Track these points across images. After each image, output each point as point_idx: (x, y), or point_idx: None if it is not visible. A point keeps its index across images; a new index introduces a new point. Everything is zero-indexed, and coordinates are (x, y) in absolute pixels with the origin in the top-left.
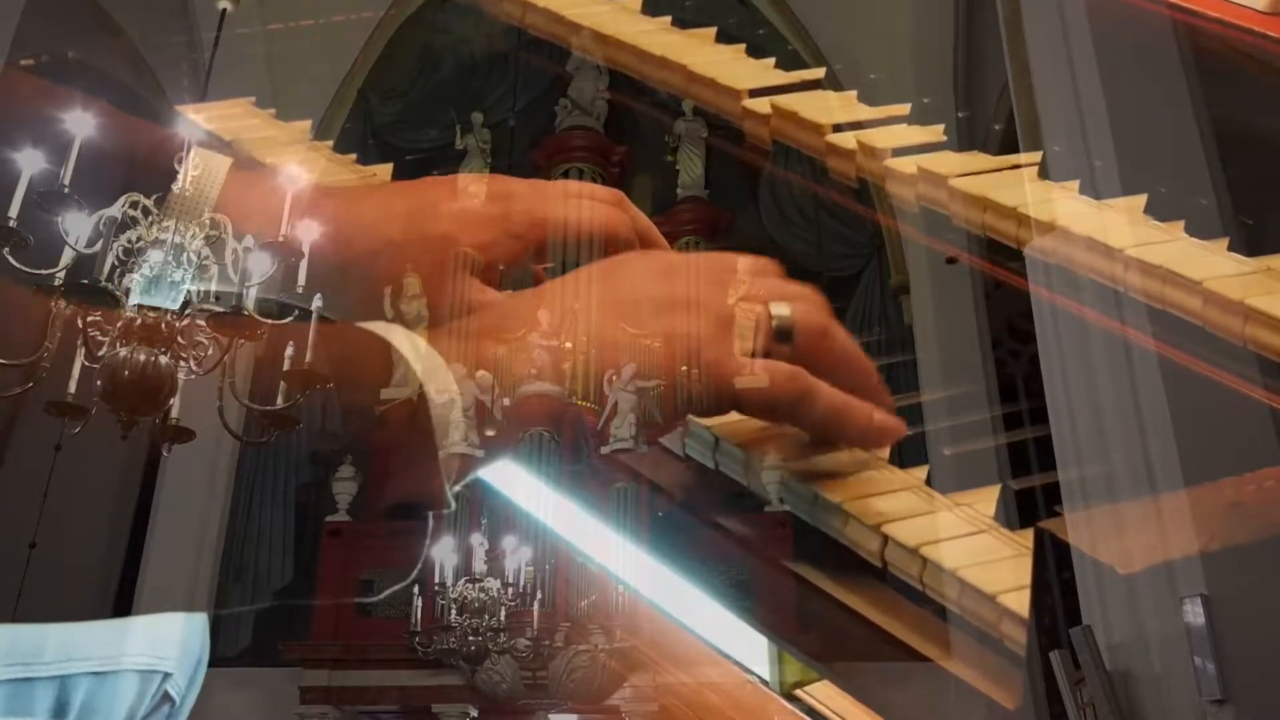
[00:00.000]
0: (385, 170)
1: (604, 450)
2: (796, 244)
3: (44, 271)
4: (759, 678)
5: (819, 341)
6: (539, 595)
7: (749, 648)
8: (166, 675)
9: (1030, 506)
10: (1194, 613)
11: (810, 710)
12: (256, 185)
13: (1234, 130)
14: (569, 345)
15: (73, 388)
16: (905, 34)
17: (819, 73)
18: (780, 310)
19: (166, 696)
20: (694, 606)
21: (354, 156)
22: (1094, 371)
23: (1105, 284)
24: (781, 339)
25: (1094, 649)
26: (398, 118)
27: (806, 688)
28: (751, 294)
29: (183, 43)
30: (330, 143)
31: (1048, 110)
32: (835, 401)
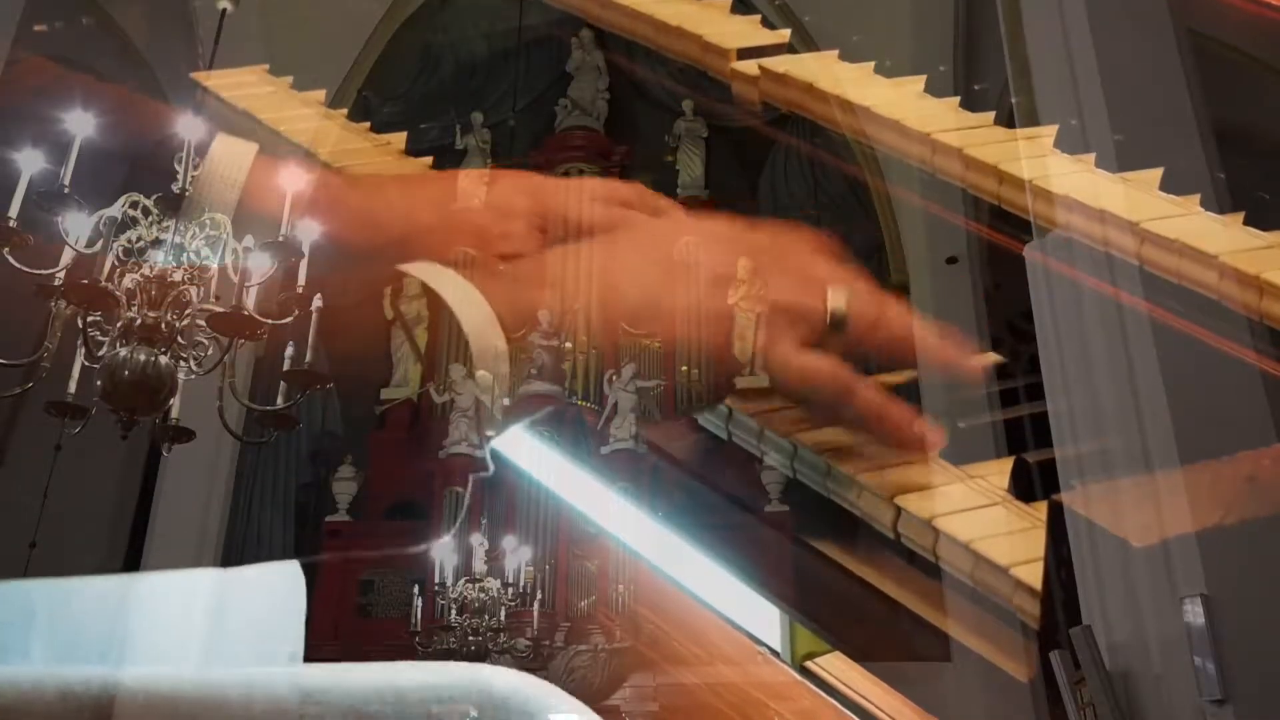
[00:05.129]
0: (399, 138)
1: (604, 450)
2: None
3: (44, 271)
4: (770, 649)
5: (873, 329)
6: (539, 595)
7: (761, 623)
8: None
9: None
10: (1194, 613)
11: (822, 682)
12: (281, 171)
13: (1232, 111)
14: (569, 345)
15: (73, 388)
16: (903, 26)
17: (831, 55)
18: (836, 302)
19: None
20: (707, 582)
21: (367, 125)
22: (1092, 361)
23: (1109, 258)
24: (836, 328)
25: (1094, 649)
26: (398, 118)
27: (818, 659)
28: (809, 276)
29: (182, 44)
30: (344, 111)
31: (1044, 96)
32: (874, 403)
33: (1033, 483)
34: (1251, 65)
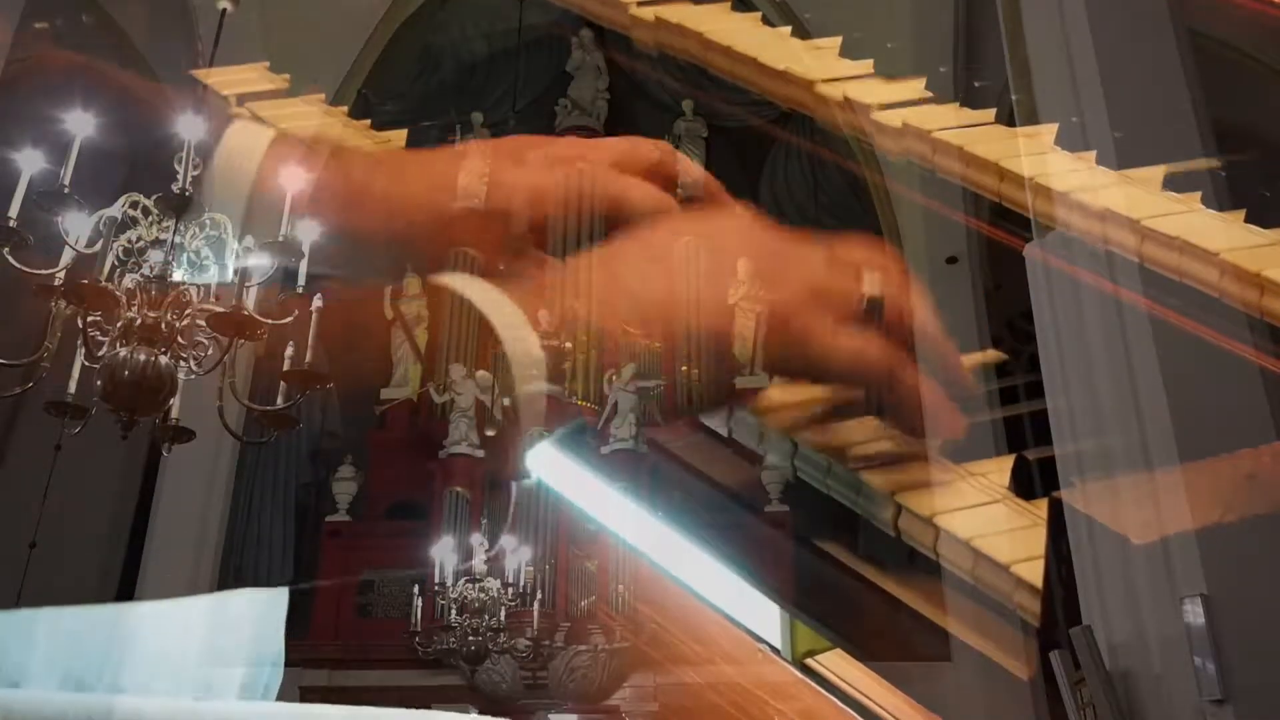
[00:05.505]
0: (400, 136)
1: (604, 450)
2: None
3: (44, 271)
4: (770, 646)
5: (904, 315)
6: (539, 595)
7: (762, 621)
8: None
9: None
10: (1194, 613)
11: (822, 680)
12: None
13: (1232, 111)
14: (569, 345)
15: (73, 388)
16: (903, 24)
17: (835, 41)
18: (872, 286)
19: None
20: (708, 581)
21: (368, 122)
22: (1092, 359)
23: (1109, 255)
24: (872, 313)
25: (1094, 649)
26: (397, 118)
27: (818, 656)
28: (837, 263)
29: (183, 43)
30: (345, 109)
31: (1044, 95)
32: (918, 381)
33: (1033, 480)
34: (1252, 65)
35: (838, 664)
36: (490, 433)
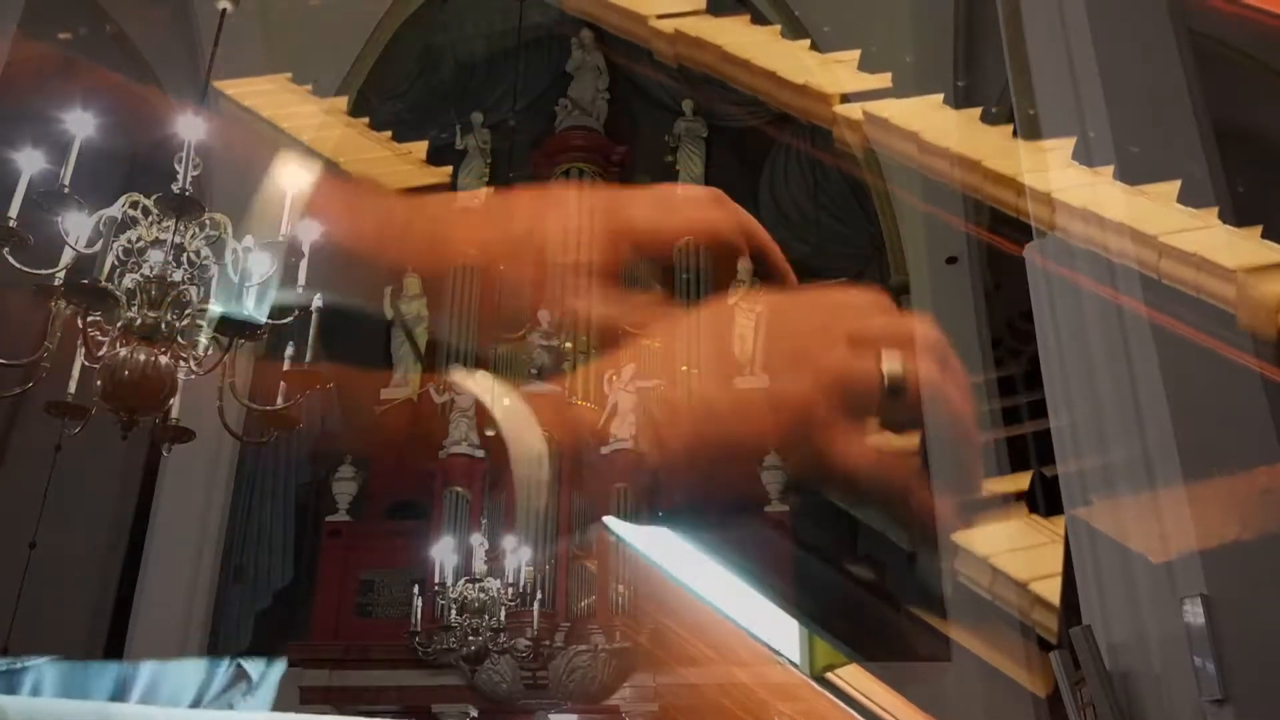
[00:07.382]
0: (420, 148)
1: (604, 450)
2: (797, 244)
3: (44, 271)
4: (789, 660)
5: (940, 392)
6: (539, 595)
7: (767, 623)
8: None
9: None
10: (1194, 613)
11: (829, 685)
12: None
13: (1232, 112)
14: (569, 345)
15: (73, 388)
16: (903, 36)
17: (854, 55)
18: (892, 366)
19: (241, 673)
20: (708, 581)
21: (389, 134)
22: (1093, 366)
23: (1110, 264)
24: (895, 394)
25: (1094, 649)
26: (398, 118)
27: (836, 671)
28: (860, 338)
29: (183, 44)
30: (366, 120)
31: (1046, 107)
32: (924, 502)
33: (1041, 496)
34: (1252, 66)
35: (855, 677)
36: (490, 433)
